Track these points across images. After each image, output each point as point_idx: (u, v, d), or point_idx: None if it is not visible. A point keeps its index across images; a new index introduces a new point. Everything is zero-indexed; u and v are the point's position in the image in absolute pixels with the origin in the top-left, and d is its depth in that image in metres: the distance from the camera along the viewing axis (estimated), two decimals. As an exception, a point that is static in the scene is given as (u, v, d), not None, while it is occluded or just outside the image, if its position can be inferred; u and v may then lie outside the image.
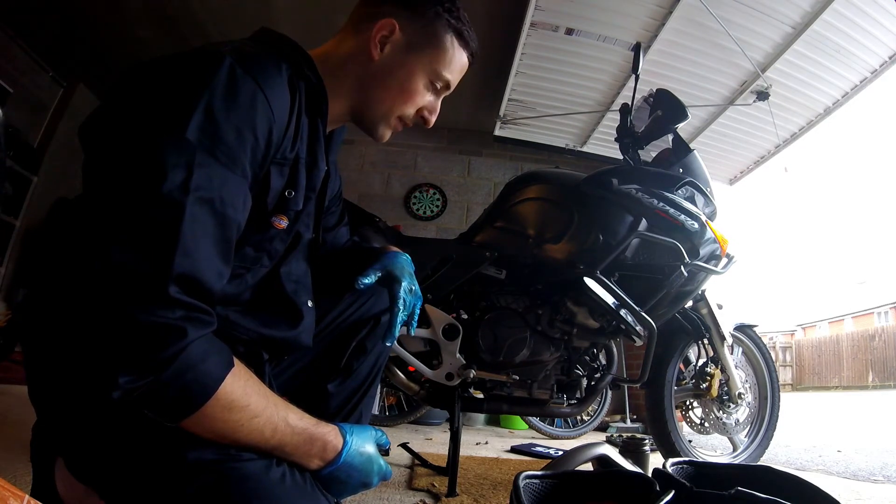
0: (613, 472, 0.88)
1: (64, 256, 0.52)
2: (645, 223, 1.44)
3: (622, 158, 1.71)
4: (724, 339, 1.72)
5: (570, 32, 2.83)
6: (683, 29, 2.72)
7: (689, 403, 1.81)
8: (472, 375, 1.47)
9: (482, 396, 1.54)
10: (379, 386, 1.48)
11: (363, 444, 0.64)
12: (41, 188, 3.43)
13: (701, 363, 1.78)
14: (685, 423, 1.84)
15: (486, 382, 1.53)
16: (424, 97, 0.76)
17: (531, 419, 2.94)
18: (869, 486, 1.76)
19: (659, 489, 0.67)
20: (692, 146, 1.66)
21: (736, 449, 1.84)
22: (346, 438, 0.62)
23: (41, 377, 0.58)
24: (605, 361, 1.65)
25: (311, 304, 0.77)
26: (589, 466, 0.94)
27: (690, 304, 1.72)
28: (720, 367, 1.73)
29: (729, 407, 1.75)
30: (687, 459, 0.80)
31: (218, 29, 3.11)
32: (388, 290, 0.92)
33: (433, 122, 0.79)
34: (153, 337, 0.47)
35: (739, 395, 1.74)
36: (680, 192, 1.49)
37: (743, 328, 1.86)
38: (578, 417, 3.01)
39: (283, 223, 0.66)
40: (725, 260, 1.59)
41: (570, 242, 1.45)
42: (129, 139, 0.52)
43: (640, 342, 1.52)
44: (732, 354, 1.78)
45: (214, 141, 0.53)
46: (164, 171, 0.49)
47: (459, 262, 1.53)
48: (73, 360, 0.50)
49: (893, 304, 16.47)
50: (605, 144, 3.91)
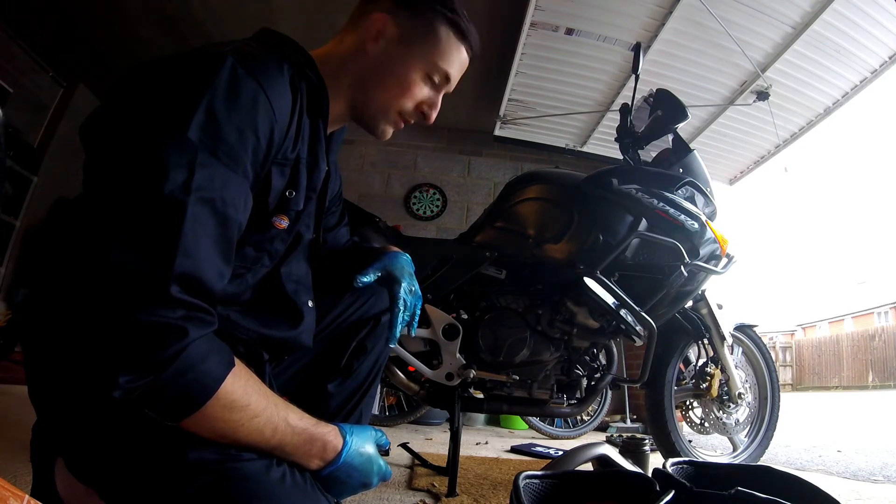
0: (613, 472, 0.88)
1: (64, 256, 0.52)
2: (645, 223, 1.44)
3: (622, 158, 1.72)
4: (724, 339, 1.72)
5: (570, 32, 2.84)
6: (683, 29, 2.72)
7: (689, 403, 1.81)
8: (472, 375, 1.47)
9: (482, 396, 1.54)
10: (379, 386, 1.48)
11: (363, 444, 0.64)
12: (41, 188, 3.43)
13: (701, 363, 1.78)
14: (685, 423, 1.84)
15: (486, 382, 1.53)
16: (422, 91, 0.75)
17: (531, 419, 2.94)
18: (869, 486, 1.76)
19: (659, 489, 0.67)
20: (692, 146, 1.66)
21: (736, 449, 1.84)
22: (346, 439, 0.62)
23: (41, 377, 0.58)
24: (605, 361, 1.65)
25: (311, 304, 0.77)
26: (589, 466, 0.94)
27: (690, 304, 1.72)
28: (720, 367, 1.73)
29: (729, 407, 1.75)
30: (687, 459, 0.80)
31: (218, 29, 3.11)
32: (388, 290, 0.92)
33: (434, 117, 0.78)
34: (154, 336, 0.47)
35: (739, 395, 1.73)
36: (680, 192, 1.49)
37: (743, 328, 1.86)
38: (578, 417, 3.01)
39: (283, 223, 0.66)
40: (725, 260, 1.59)
41: (570, 242, 1.45)
42: (130, 139, 0.52)
43: (640, 342, 1.52)
44: (732, 354, 1.78)
45: (216, 141, 0.53)
46: (165, 170, 0.49)
47: (459, 262, 1.53)
48: (73, 359, 0.50)
49: (893, 304, 16.48)
50: (605, 144, 3.92)
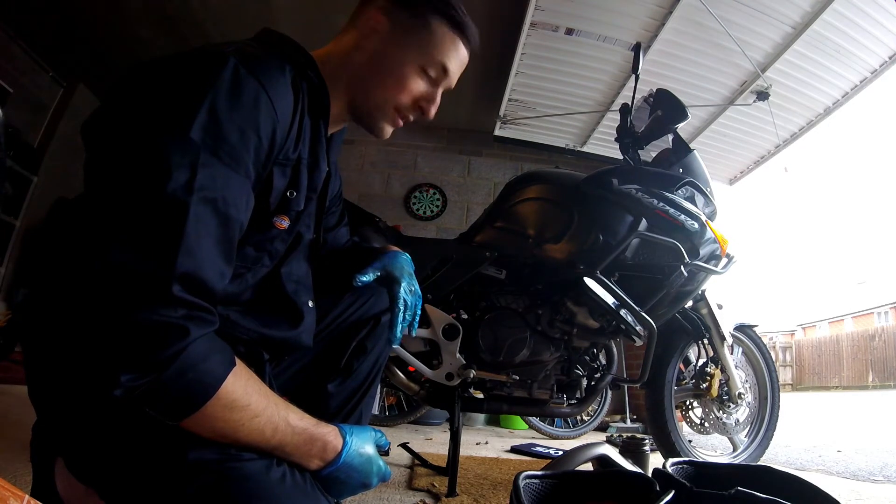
0: (613, 472, 0.88)
1: (65, 255, 0.52)
2: (645, 223, 1.44)
3: (622, 158, 1.72)
4: (724, 339, 1.72)
5: (570, 32, 2.84)
6: (683, 29, 2.72)
7: (689, 403, 1.81)
8: (472, 375, 1.47)
9: (482, 396, 1.54)
10: (379, 386, 1.48)
11: (363, 444, 0.64)
12: (41, 188, 3.43)
13: (701, 363, 1.78)
14: (685, 423, 1.84)
15: (486, 382, 1.53)
16: (419, 85, 0.74)
17: (531, 419, 2.94)
18: (869, 486, 1.76)
19: (659, 489, 0.67)
20: (692, 146, 1.66)
21: (736, 449, 1.84)
22: (345, 439, 0.62)
23: (41, 377, 0.58)
24: (605, 361, 1.65)
25: (311, 304, 0.77)
26: (589, 466, 0.94)
27: (690, 304, 1.72)
28: (720, 367, 1.73)
29: (729, 407, 1.75)
30: (687, 459, 0.80)
31: (218, 29, 3.11)
32: (387, 290, 0.92)
33: (432, 112, 0.76)
34: (155, 335, 0.47)
35: (739, 395, 1.73)
36: (680, 192, 1.49)
37: (743, 328, 1.86)
38: (578, 417, 3.01)
39: (284, 223, 0.66)
40: (725, 260, 1.59)
41: (570, 242, 1.45)
42: (132, 138, 0.52)
43: (640, 342, 1.52)
44: (732, 354, 1.78)
45: (218, 141, 0.53)
46: (168, 170, 0.50)
47: (459, 262, 1.53)
48: (74, 358, 0.50)
49: (893, 304, 16.48)
50: (605, 144, 3.92)
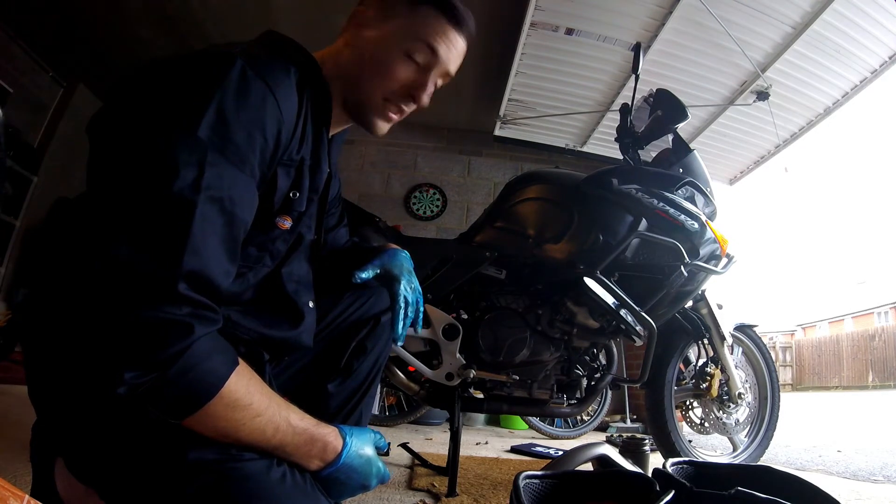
0: (613, 472, 0.88)
1: (68, 253, 0.52)
2: (645, 223, 1.44)
3: (622, 158, 1.71)
4: (724, 339, 1.72)
5: (570, 32, 2.84)
6: (683, 29, 2.72)
7: (689, 403, 1.81)
8: (472, 375, 1.47)
9: (482, 396, 1.54)
10: (379, 386, 1.48)
11: (362, 445, 0.64)
12: (41, 188, 3.43)
13: (701, 363, 1.78)
14: (685, 423, 1.84)
15: (486, 382, 1.53)
16: (405, 71, 0.71)
17: (531, 419, 2.94)
18: (869, 486, 1.76)
19: (659, 489, 0.68)
20: (692, 146, 1.66)
21: (736, 449, 1.84)
22: (345, 440, 0.62)
23: (41, 377, 0.58)
24: (605, 361, 1.65)
25: (312, 304, 0.77)
26: (589, 466, 0.94)
27: (690, 304, 1.72)
28: (720, 367, 1.73)
29: (729, 407, 1.75)
30: (687, 459, 0.80)
31: (218, 29, 3.11)
32: (387, 288, 0.92)
33: (424, 99, 0.73)
34: (160, 333, 0.47)
35: (739, 395, 1.73)
36: (680, 192, 1.49)
37: (743, 328, 1.86)
38: (578, 417, 3.01)
39: (286, 224, 0.67)
40: (725, 260, 1.59)
41: (570, 242, 1.45)
42: (139, 136, 0.52)
43: (640, 342, 1.52)
44: (732, 354, 1.78)
45: (225, 140, 0.53)
46: (176, 169, 0.50)
47: (459, 262, 1.52)
48: (76, 357, 0.50)
49: (893, 304, 16.48)
50: (605, 144, 3.92)
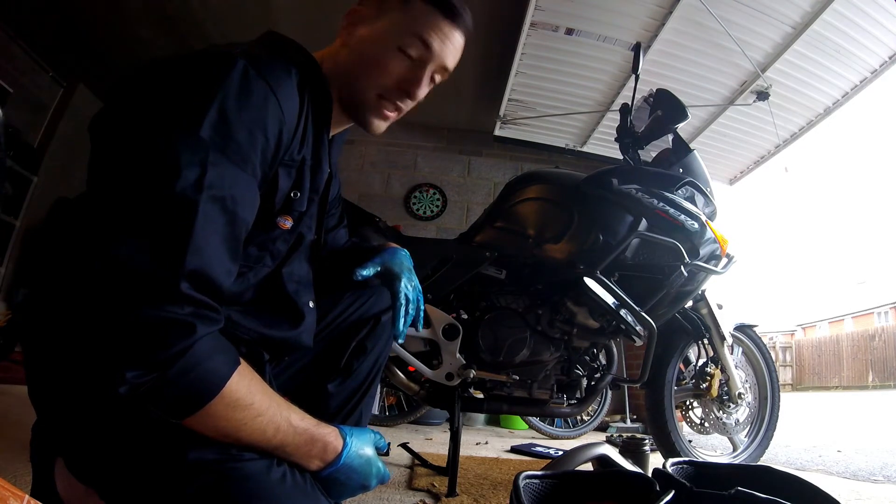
0: (613, 472, 0.88)
1: (69, 253, 0.52)
2: (645, 223, 1.44)
3: (622, 158, 1.72)
4: (724, 339, 1.72)
5: (570, 32, 2.84)
6: (683, 29, 2.72)
7: (689, 403, 1.81)
8: (472, 375, 1.47)
9: (482, 396, 1.54)
10: (379, 386, 1.48)
11: (363, 446, 0.64)
12: (41, 188, 3.43)
13: (701, 363, 1.78)
14: (685, 423, 1.84)
15: (486, 382, 1.53)
16: (398, 66, 0.70)
17: (531, 419, 2.94)
18: (869, 486, 1.76)
19: (659, 489, 0.68)
20: (692, 146, 1.66)
21: (736, 449, 1.84)
22: (346, 440, 0.62)
23: (41, 377, 0.58)
24: (605, 361, 1.65)
25: (312, 304, 0.77)
26: (589, 466, 0.94)
27: (690, 304, 1.72)
28: (720, 367, 1.73)
29: (729, 407, 1.75)
30: (687, 459, 0.80)
31: (218, 29, 3.10)
32: (388, 287, 0.92)
33: (417, 94, 0.72)
34: (161, 332, 0.47)
35: (739, 395, 1.73)
36: (680, 192, 1.49)
37: (743, 328, 1.86)
38: (578, 417, 3.01)
39: (287, 224, 0.67)
40: (725, 260, 1.59)
41: (570, 242, 1.45)
42: (141, 136, 0.52)
43: (640, 342, 1.52)
44: (732, 354, 1.78)
45: (227, 140, 0.53)
46: (178, 168, 0.50)
47: (459, 262, 1.53)
48: (77, 356, 0.50)
49: (893, 304, 16.48)
50: (605, 144, 3.92)
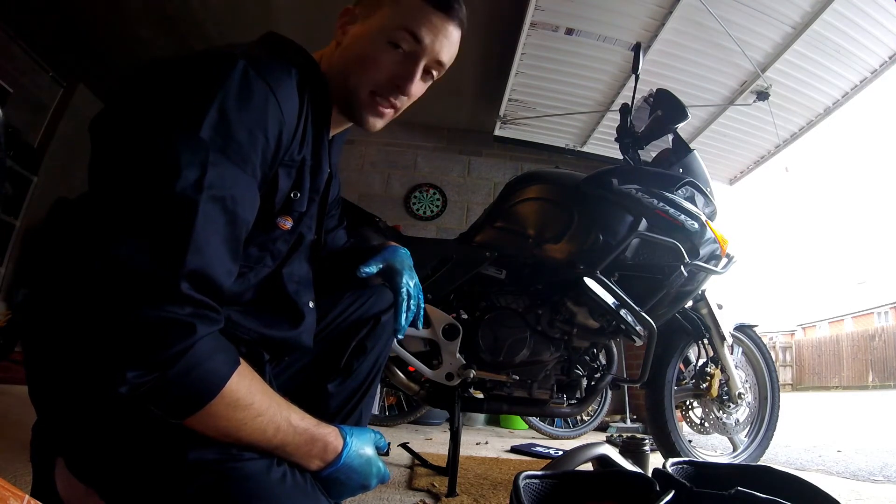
0: (613, 472, 0.88)
1: (69, 253, 0.52)
2: (645, 223, 1.44)
3: (622, 158, 1.72)
4: (724, 339, 1.72)
5: (570, 32, 2.84)
6: (683, 29, 2.72)
7: (689, 403, 1.81)
8: (472, 375, 1.47)
9: (482, 396, 1.54)
10: (379, 386, 1.48)
11: (363, 446, 0.64)
12: (41, 188, 3.43)
13: (701, 363, 1.78)
14: (685, 423, 1.84)
15: (486, 382, 1.53)
16: (388, 59, 0.70)
17: (531, 419, 2.94)
18: (869, 486, 1.76)
19: (659, 489, 0.67)
20: (692, 146, 1.66)
21: (736, 449, 1.84)
22: (346, 440, 0.62)
23: (41, 377, 0.58)
24: (605, 361, 1.65)
25: (312, 304, 0.77)
26: (589, 466, 0.94)
27: (690, 304, 1.72)
28: (720, 367, 1.73)
29: (729, 407, 1.75)
30: (687, 459, 0.80)
31: (218, 29, 3.10)
32: (390, 282, 0.93)
33: (409, 89, 0.71)
34: (162, 332, 0.47)
35: (739, 395, 1.73)
36: (680, 192, 1.49)
37: (743, 328, 1.86)
38: (578, 417, 3.01)
39: (287, 224, 0.67)
40: (725, 260, 1.59)
41: (570, 242, 1.45)
42: (141, 136, 0.52)
43: (640, 342, 1.52)
44: (732, 354, 1.78)
45: (227, 140, 0.53)
46: (178, 168, 0.50)
47: (459, 262, 1.53)
48: (78, 356, 0.50)
49: (893, 304, 16.47)
50: (605, 144, 3.92)
